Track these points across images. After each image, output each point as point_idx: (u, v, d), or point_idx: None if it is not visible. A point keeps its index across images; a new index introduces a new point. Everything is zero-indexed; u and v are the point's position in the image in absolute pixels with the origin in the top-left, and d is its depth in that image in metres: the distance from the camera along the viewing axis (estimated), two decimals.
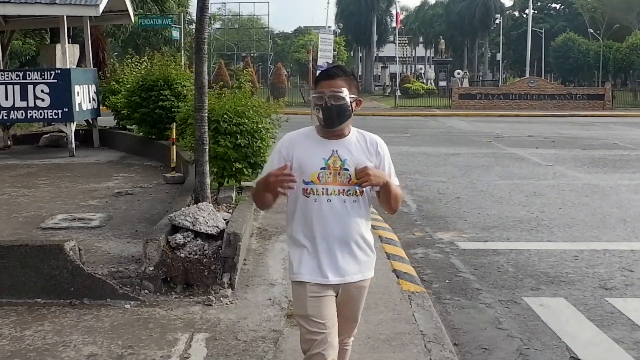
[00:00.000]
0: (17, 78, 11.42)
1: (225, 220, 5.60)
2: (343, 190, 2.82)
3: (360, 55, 67.20)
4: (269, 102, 7.69)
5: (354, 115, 2.85)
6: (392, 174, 2.91)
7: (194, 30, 43.54)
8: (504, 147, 16.85)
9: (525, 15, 56.25)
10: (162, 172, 9.72)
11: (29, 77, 11.43)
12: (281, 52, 68.06)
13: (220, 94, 7.48)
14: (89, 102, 12.61)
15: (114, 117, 13.82)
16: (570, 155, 15.04)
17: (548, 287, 5.60)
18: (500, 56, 64.19)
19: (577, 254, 6.61)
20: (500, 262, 6.33)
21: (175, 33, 20.34)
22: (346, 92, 2.77)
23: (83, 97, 12.17)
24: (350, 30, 61.33)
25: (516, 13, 74.33)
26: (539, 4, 71.55)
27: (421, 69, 64.40)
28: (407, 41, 72.84)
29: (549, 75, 63.60)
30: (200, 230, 5.32)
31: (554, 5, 74.23)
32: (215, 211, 5.69)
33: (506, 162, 13.75)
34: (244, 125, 6.78)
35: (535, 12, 65.64)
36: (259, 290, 5.15)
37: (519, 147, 16.78)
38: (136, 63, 13.74)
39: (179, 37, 19.53)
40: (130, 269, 5.11)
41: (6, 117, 11.64)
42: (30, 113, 11.52)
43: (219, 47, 62.00)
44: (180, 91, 10.83)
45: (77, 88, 11.75)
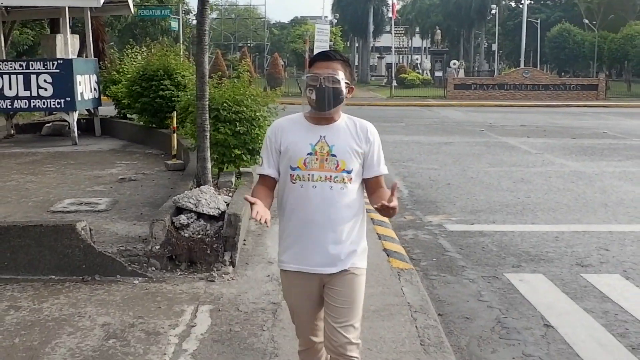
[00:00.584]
0: (21, 68, 11.72)
1: (225, 202, 5.95)
2: (330, 176, 2.74)
3: (356, 45, 67.36)
4: (267, 92, 8.02)
5: (344, 104, 2.81)
6: (381, 162, 2.85)
7: (191, 20, 43.69)
8: (496, 136, 17.23)
9: (521, 6, 56.45)
10: (163, 160, 10.05)
11: (32, 67, 11.74)
12: (278, 42, 68.22)
13: (219, 83, 7.82)
14: (91, 91, 12.91)
15: (115, 106, 14.13)
16: (560, 144, 15.42)
17: (528, 264, 5.99)
18: (495, 47, 64.39)
19: (558, 235, 7.00)
20: (485, 243, 6.72)
21: (174, 24, 20.61)
22: (342, 76, 2.72)
23: (85, 86, 12.48)
24: (346, 20, 61.48)
25: (512, 3, 74.54)
26: None
27: (417, 59, 64.67)
28: (403, 31, 73.15)
29: (545, 66, 63.90)
30: (203, 211, 5.67)
31: None
32: (217, 194, 6.05)
33: (497, 150, 14.13)
34: (243, 113, 7.13)
35: (532, 2, 65.86)
36: (258, 267, 5.51)
37: (511, 136, 17.16)
38: (136, 53, 14.05)
39: (177, 28, 19.77)
40: (137, 247, 5.47)
41: (10, 107, 11.94)
42: (33, 102, 11.83)
43: (216, 37, 62.15)
44: (180, 81, 11.15)
45: (79, 78, 12.06)
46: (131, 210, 6.87)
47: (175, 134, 9.36)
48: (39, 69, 11.67)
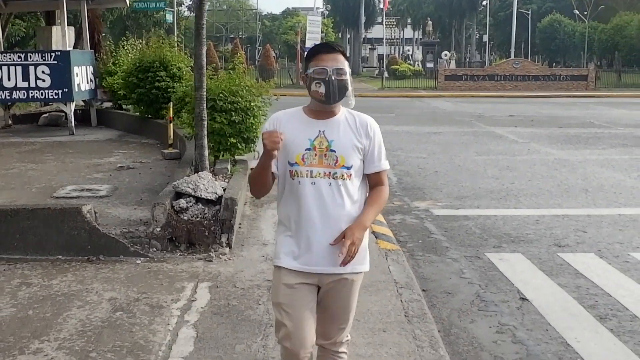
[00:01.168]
0: (19, 59, 11.96)
1: (222, 187, 6.27)
2: (329, 172, 2.66)
3: (348, 37, 67.55)
4: (261, 83, 8.33)
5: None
6: (382, 157, 2.76)
7: (182, 11, 43.64)
8: (485, 126, 17.59)
9: None
10: (159, 149, 10.34)
11: (30, 58, 11.98)
12: (269, 33, 68.27)
13: (214, 75, 8.13)
14: (87, 82, 13.17)
15: (111, 97, 14.37)
16: (546, 133, 15.80)
17: (509, 245, 6.35)
18: (487, 37, 64.74)
19: (538, 218, 7.36)
20: (468, 226, 7.08)
21: (169, 16, 20.83)
22: (348, 69, 2.69)
23: (82, 77, 12.73)
24: (338, 11, 61.69)
25: None
26: None
27: (409, 50, 64.95)
28: (395, 23, 73.31)
29: (536, 57, 64.35)
30: (201, 196, 5.99)
31: None
32: (214, 180, 6.37)
33: (485, 139, 14.49)
34: (238, 103, 7.44)
35: None
36: (253, 249, 5.84)
37: (499, 125, 17.52)
38: (132, 45, 14.29)
39: (172, 20, 20.00)
40: (139, 230, 5.79)
41: (9, 97, 12.19)
42: (31, 93, 12.08)
43: (208, 28, 62.02)
44: (175, 72, 11.43)
45: (76, 69, 12.32)
46: (131, 196, 7.18)
47: (171, 124, 9.66)
48: (37, 60, 11.91)
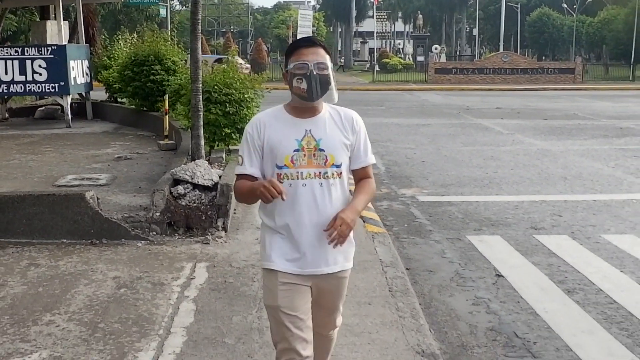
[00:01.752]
0: (16, 54, 12.22)
1: (218, 175, 6.62)
2: (319, 173, 2.62)
3: (339, 30, 67.82)
4: (254, 76, 8.67)
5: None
6: (368, 151, 2.75)
7: (174, 5, 43.72)
8: (472, 118, 17.99)
9: None
10: (155, 141, 10.64)
11: (27, 52, 12.24)
12: (261, 27, 68.46)
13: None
14: (83, 76, 13.44)
15: (106, 90, 14.65)
16: (531, 124, 16.21)
17: (488, 228, 6.74)
18: (476, 31, 65.14)
19: (518, 204, 7.75)
20: (452, 211, 7.46)
21: (162, 11, 21.09)
22: (330, 64, 2.63)
23: (77, 71, 13.00)
24: (329, 5, 61.92)
25: None
26: None
27: (400, 44, 65.27)
28: (385, 16, 73.59)
29: (525, 50, 64.82)
30: (198, 182, 6.34)
31: None
32: (210, 168, 6.71)
33: (471, 131, 14.88)
34: (232, 95, 7.79)
35: None
36: (247, 232, 6.19)
37: (486, 118, 17.93)
38: (126, 40, 14.56)
39: (166, 15, 20.26)
40: (139, 215, 6.13)
41: (6, 91, 12.46)
42: (28, 86, 12.35)
43: None
44: (170, 66, 11.73)
45: (72, 63, 12.59)
46: (130, 184, 7.50)
47: (167, 116, 9.97)
48: (34, 54, 12.18)
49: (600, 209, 7.53)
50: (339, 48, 64.54)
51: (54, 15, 14.87)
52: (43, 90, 12.50)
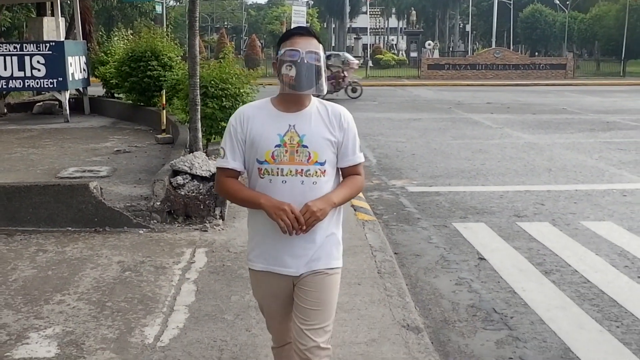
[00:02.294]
0: (15, 50, 12.46)
1: (215, 166, 6.91)
2: (301, 170, 2.52)
3: (333, 26, 68.08)
4: (249, 71, 8.97)
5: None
6: (357, 150, 2.64)
7: (168, 1, 43.82)
8: (462, 112, 18.33)
9: None
10: (152, 135, 10.92)
11: (25, 49, 12.49)
12: (255, 23, 68.63)
13: (205, 64, 8.76)
14: (80, 72, 13.68)
15: (103, 85, 14.90)
16: (520, 119, 16.57)
17: (474, 216, 7.07)
18: (469, 27, 65.50)
19: (502, 194, 8.09)
20: (439, 200, 7.79)
21: (158, 7, 21.30)
22: (323, 55, 2.55)
23: (75, 67, 13.25)
24: (323, 1, 62.18)
25: None
26: None
27: (393, 40, 65.57)
28: (379, 12, 73.82)
29: (518, 47, 65.19)
30: (196, 173, 6.63)
31: None
32: (207, 159, 7.01)
33: (461, 125, 15.22)
34: (228, 89, 8.08)
35: None
36: (244, 220, 6.48)
37: (476, 112, 18.27)
38: (122, 37, 14.81)
39: (161, 12, 20.48)
40: (140, 204, 6.42)
41: (5, 86, 12.70)
42: (27, 82, 12.60)
43: None
44: (166, 62, 12.00)
45: (70, 59, 12.84)
46: (130, 176, 7.79)
47: (164, 111, 10.25)
48: (32, 50, 12.42)
49: (581, 198, 7.87)
50: (333, 44, 64.77)
51: (50, 12, 15.10)
52: (42, 86, 12.74)
